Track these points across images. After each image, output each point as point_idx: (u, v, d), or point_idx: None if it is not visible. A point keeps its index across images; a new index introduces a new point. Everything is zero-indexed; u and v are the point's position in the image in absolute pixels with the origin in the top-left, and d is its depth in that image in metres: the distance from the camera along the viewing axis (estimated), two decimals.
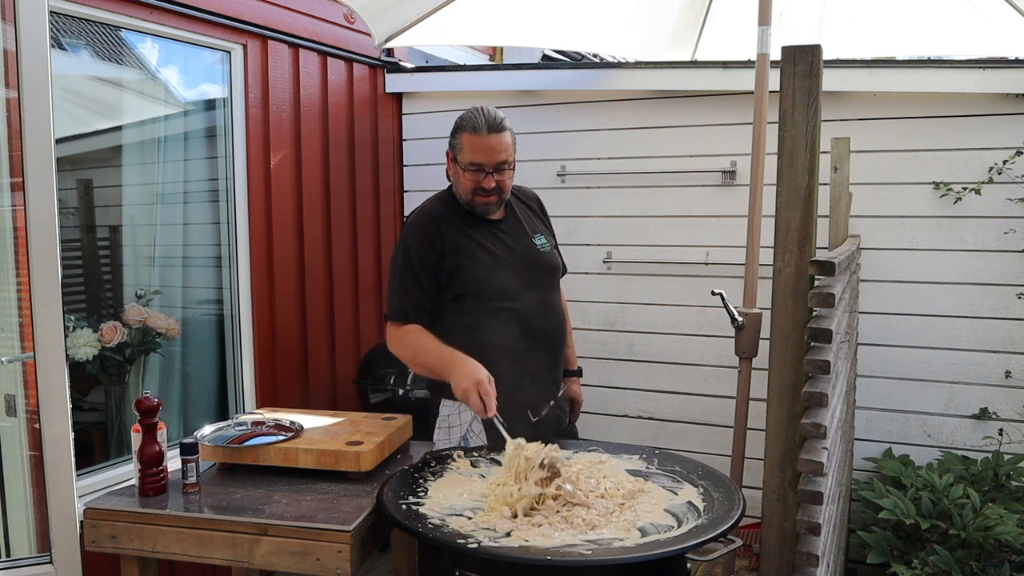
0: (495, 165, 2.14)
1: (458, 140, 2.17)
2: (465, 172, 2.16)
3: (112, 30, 2.82)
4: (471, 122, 2.14)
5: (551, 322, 2.29)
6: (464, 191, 2.20)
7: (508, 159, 2.17)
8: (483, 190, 2.17)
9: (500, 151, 2.14)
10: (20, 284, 2.03)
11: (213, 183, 3.28)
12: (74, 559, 2.02)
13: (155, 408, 1.94)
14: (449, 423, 2.26)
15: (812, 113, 1.44)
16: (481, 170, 2.14)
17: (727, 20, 3.63)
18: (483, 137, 2.12)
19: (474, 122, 2.13)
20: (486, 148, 2.13)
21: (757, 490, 1.77)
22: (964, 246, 3.26)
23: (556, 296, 2.37)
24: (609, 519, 1.64)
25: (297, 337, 3.53)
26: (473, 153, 2.13)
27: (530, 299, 2.23)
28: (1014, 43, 3.26)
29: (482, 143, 2.12)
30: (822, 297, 1.47)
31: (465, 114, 2.18)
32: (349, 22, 3.73)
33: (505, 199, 2.26)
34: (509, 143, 2.17)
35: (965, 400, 3.30)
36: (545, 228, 2.44)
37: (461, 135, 2.16)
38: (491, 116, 2.14)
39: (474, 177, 2.15)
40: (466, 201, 2.21)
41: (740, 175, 3.54)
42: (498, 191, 2.18)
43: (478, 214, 2.23)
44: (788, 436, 1.49)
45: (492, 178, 2.15)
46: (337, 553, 1.73)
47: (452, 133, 2.20)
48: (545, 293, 2.30)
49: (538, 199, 2.50)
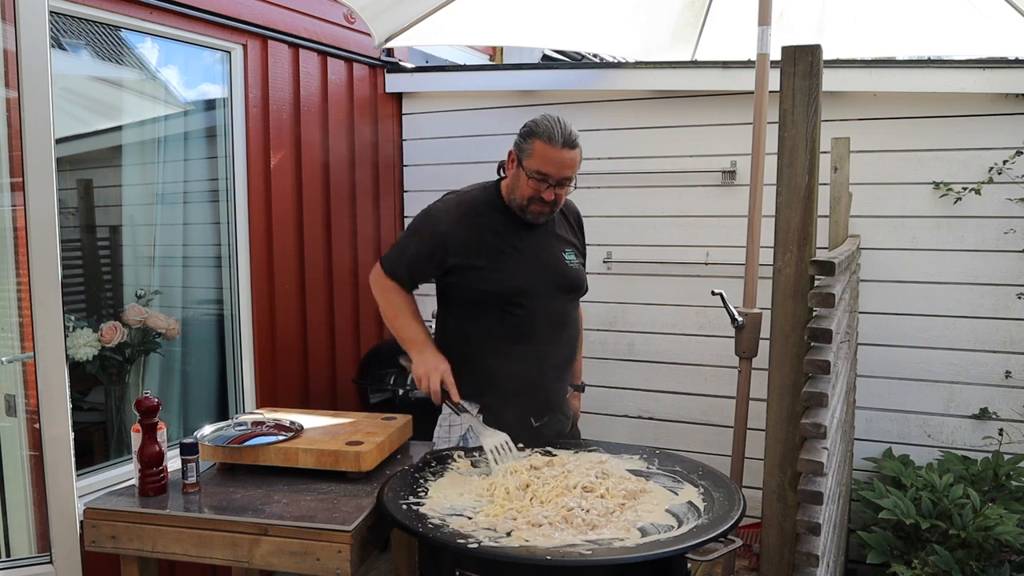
0: (560, 179, 2.12)
1: (529, 145, 2.11)
2: (529, 179, 2.12)
3: (112, 30, 2.82)
4: (548, 131, 2.08)
5: (562, 337, 2.28)
6: (521, 196, 2.16)
7: (573, 176, 2.15)
8: (541, 200, 2.14)
9: (569, 167, 2.11)
10: (20, 284, 2.03)
11: (213, 183, 3.28)
12: (74, 559, 2.02)
13: (155, 408, 1.94)
14: (450, 422, 2.26)
15: (812, 113, 1.44)
16: (545, 181, 2.11)
17: (727, 20, 3.63)
18: (558, 150, 2.07)
19: (551, 132, 2.07)
20: (558, 161, 2.09)
21: (757, 490, 1.77)
22: (964, 246, 3.26)
23: (574, 312, 2.35)
24: (610, 519, 1.64)
25: (297, 337, 3.53)
26: (543, 163, 2.09)
27: (547, 309, 2.21)
28: (1014, 43, 3.26)
29: (556, 155, 2.08)
30: (822, 297, 1.47)
31: (541, 121, 2.11)
32: (349, 22, 3.73)
33: (556, 211, 2.24)
34: (578, 160, 2.14)
35: (965, 400, 3.30)
36: (578, 245, 2.41)
37: (534, 141, 2.09)
38: (567, 130, 2.09)
39: (536, 186, 2.12)
40: (519, 205, 2.18)
41: (740, 175, 3.54)
42: (553, 204, 2.17)
43: (527, 219, 2.20)
44: (788, 436, 1.49)
45: (554, 191, 2.13)
46: (337, 553, 1.73)
47: (523, 136, 2.14)
48: (563, 306, 2.28)
49: (578, 215, 2.46)
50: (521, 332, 2.18)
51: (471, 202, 2.22)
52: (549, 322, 2.22)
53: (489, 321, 2.18)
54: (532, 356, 2.19)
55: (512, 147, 2.18)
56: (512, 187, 2.19)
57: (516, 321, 2.17)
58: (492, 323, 2.18)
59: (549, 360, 2.24)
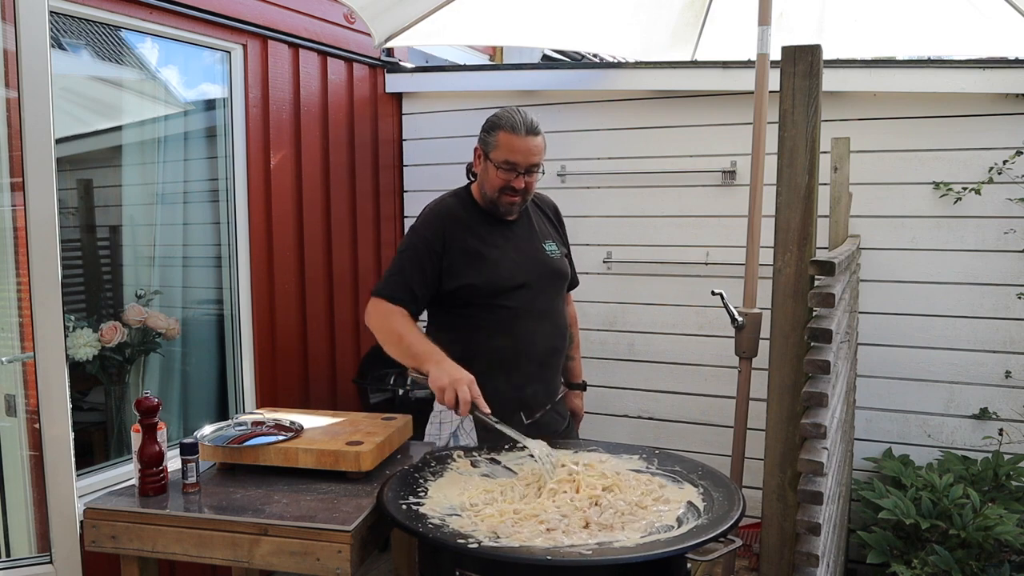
0: (528, 167, 2.16)
1: (493, 137, 2.17)
2: (497, 170, 2.17)
3: (112, 30, 2.82)
4: (510, 121, 2.15)
5: (548, 329, 2.29)
6: (491, 188, 2.20)
7: (540, 162, 2.19)
8: (511, 189, 2.18)
9: (535, 153, 2.16)
10: (20, 284, 2.03)
11: (213, 183, 3.28)
12: (74, 559, 2.02)
13: (155, 408, 1.94)
14: (441, 419, 2.27)
15: (812, 113, 1.44)
16: (514, 170, 2.16)
17: (727, 20, 3.63)
18: (521, 138, 2.14)
19: (513, 122, 2.14)
20: (523, 149, 2.14)
21: (757, 490, 1.77)
22: (964, 246, 3.26)
23: (560, 302, 2.37)
24: (624, 520, 1.64)
25: (297, 337, 3.53)
26: (509, 152, 2.14)
27: (530, 301, 2.23)
28: (1014, 43, 3.26)
29: (520, 143, 2.14)
30: (822, 297, 1.47)
31: (502, 113, 2.18)
32: (349, 22, 3.73)
33: (528, 200, 2.28)
34: (543, 147, 2.19)
35: (965, 400, 3.30)
36: (558, 236, 2.44)
37: (498, 133, 2.16)
38: (529, 119, 2.16)
39: (505, 176, 2.16)
40: (490, 199, 2.22)
41: (740, 175, 3.54)
42: (524, 192, 2.20)
43: (500, 213, 2.24)
44: (788, 436, 1.49)
45: (523, 179, 2.17)
46: (337, 553, 1.73)
47: (486, 130, 2.20)
48: (548, 297, 2.30)
49: (555, 207, 2.51)
50: (507, 326, 2.19)
51: (447, 208, 2.26)
52: (535, 313, 2.24)
53: (475, 317, 2.19)
54: (519, 350, 2.20)
55: (477, 144, 2.23)
56: (482, 182, 2.24)
57: (501, 315, 2.19)
58: (477, 319, 2.19)
59: (536, 353, 2.25)
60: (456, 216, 2.24)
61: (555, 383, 2.39)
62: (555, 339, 2.32)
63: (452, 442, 2.23)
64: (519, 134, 2.13)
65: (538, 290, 2.26)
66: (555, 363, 2.35)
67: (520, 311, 2.21)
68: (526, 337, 2.22)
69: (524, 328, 2.21)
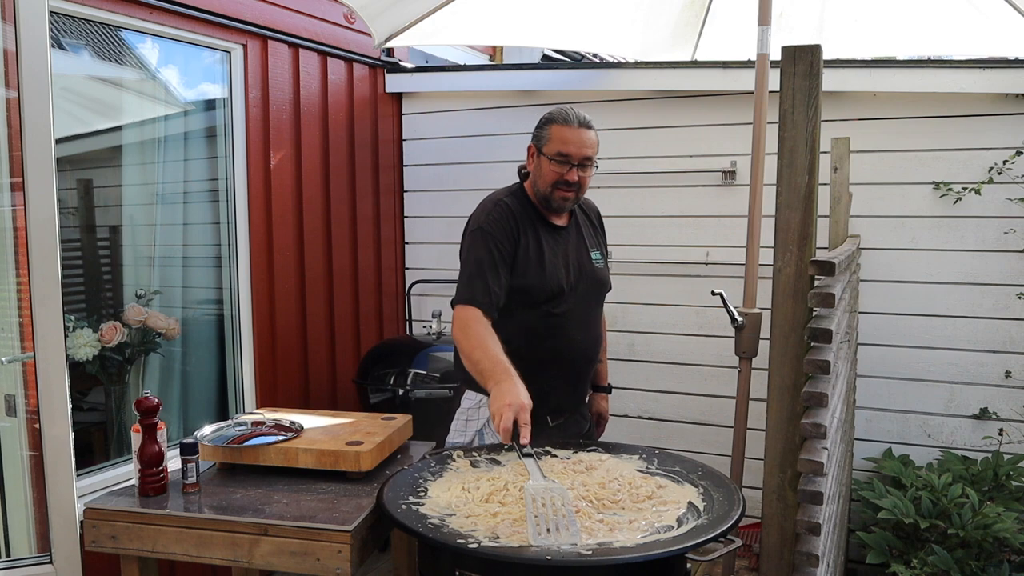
0: (581, 159, 2.17)
1: (546, 132, 2.19)
2: (551, 163, 2.17)
3: (112, 30, 2.82)
4: (562, 115, 2.18)
5: (589, 335, 2.31)
6: (545, 183, 2.20)
7: (593, 156, 2.20)
8: (565, 183, 2.18)
9: (588, 145, 2.18)
10: (20, 284, 2.03)
11: (213, 183, 3.28)
12: (74, 559, 2.02)
13: (155, 408, 1.94)
14: (468, 416, 2.26)
15: (812, 113, 1.44)
16: (567, 162, 2.16)
17: (727, 20, 3.63)
18: (574, 129, 2.16)
19: (565, 115, 2.17)
20: (575, 140, 2.15)
21: (757, 490, 1.77)
22: (964, 246, 3.26)
23: (598, 312, 2.39)
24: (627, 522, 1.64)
25: (297, 337, 3.53)
26: (562, 144, 2.15)
27: (573, 308, 2.24)
28: (1014, 43, 3.26)
29: (572, 135, 2.15)
30: (822, 297, 1.47)
31: (555, 109, 2.21)
32: (349, 22, 3.73)
33: (581, 198, 2.29)
34: (596, 141, 2.21)
35: (965, 400, 3.30)
36: (602, 244, 2.46)
37: (550, 127, 2.18)
38: (581, 113, 2.19)
39: (559, 169, 2.17)
40: (544, 194, 2.22)
41: (740, 175, 3.54)
42: (578, 187, 2.21)
43: (553, 208, 2.24)
44: (788, 436, 1.49)
45: (576, 172, 2.17)
46: (337, 553, 1.73)
47: (540, 126, 2.22)
48: (589, 306, 2.32)
49: (598, 213, 2.53)
50: (550, 330, 2.19)
51: (507, 205, 2.24)
52: (576, 321, 2.24)
53: (519, 319, 2.18)
54: (558, 355, 2.20)
55: (530, 142, 2.24)
56: (535, 178, 2.24)
57: (546, 319, 2.19)
58: (522, 321, 2.18)
59: (573, 359, 2.26)
60: (519, 217, 2.22)
61: (584, 389, 2.41)
62: (592, 348, 2.34)
63: (477, 440, 2.22)
64: (571, 126, 2.15)
65: (582, 298, 2.27)
66: (588, 371, 2.37)
67: (564, 317, 2.21)
68: (566, 343, 2.22)
69: (565, 334, 2.22)
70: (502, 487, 1.79)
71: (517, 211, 2.22)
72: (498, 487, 1.79)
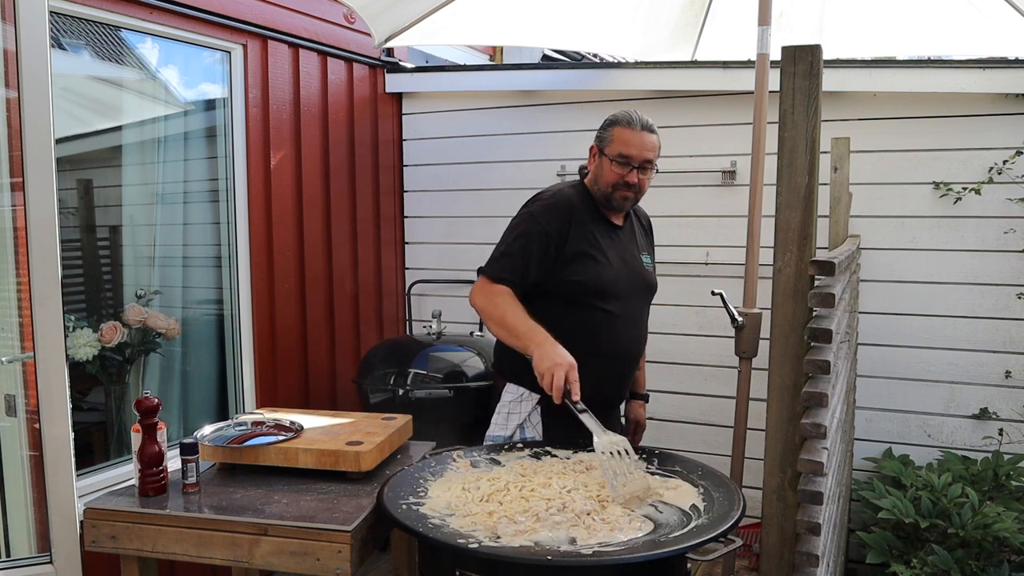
0: (642, 161, 2.21)
1: (609, 133, 2.23)
2: (612, 164, 2.21)
3: (112, 30, 2.82)
4: (625, 118, 2.23)
5: (635, 337, 2.34)
6: (606, 184, 2.24)
7: (654, 159, 2.24)
8: (626, 184, 2.22)
9: (649, 149, 2.21)
10: (20, 284, 2.03)
11: (213, 183, 3.28)
12: (74, 559, 2.02)
13: (155, 408, 1.94)
14: (509, 409, 2.25)
15: (812, 113, 1.44)
16: (628, 164, 2.20)
17: (727, 20, 3.63)
18: (636, 132, 2.20)
19: (628, 118, 2.22)
20: (637, 143, 2.20)
21: (757, 490, 1.77)
22: (964, 246, 3.26)
23: (646, 314, 2.42)
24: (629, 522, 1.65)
25: (297, 337, 3.53)
26: (624, 146, 2.20)
27: (624, 309, 2.26)
28: (1014, 43, 3.26)
29: (634, 138, 2.20)
30: (822, 297, 1.47)
31: (619, 111, 2.26)
32: (349, 22, 3.73)
33: (640, 198, 2.32)
34: (657, 145, 2.24)
35: (965, 400, 3.30)
36: (651, 249, 2.51)
37: (613, 128, 2.23)
38: (644, 117, 2.24)
39: (620, 171, 2.21)
40: (605, 194, 2.25)
41: (740, 175, 3.54)
42: (637, 189, 2.25)
43: (614, 207, 2.28)
44: (788, 436, 1.49)
45: (636, 174, 2.21)
46: (337, 553, 1.74)
47: (603, 128, 2.26)
48: (638, 308, 2.35)
49: (649, 220, 2.58)
50: (599, 326, 2.21)
51: (568, 200, 2.26)
52: (625, 320, 2.27)
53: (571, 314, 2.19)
54: (605, 353, 2.22)
55: (592, 143, 2.29)
56: (596, 178, 2.28)
57: (598, 316, 2.21)
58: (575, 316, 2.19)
59: (619, 360, 2.29)
60: (578, 210, 2.25)
61: (624, 390, 2.43)
62: (637, 348, 2.38)
63: (519, 434, 2.23)
64: (634, 128, 2.20)
65: (632, 298, 2.30)
66: (631, 371, 2.39)
67: (615, 316, 2.23)
68: (614, 343, 2.24)
69: (614, 334, 2.24)
70: (502, 487, 1.79)
71: (576, 204, 2.25)
72: (498, 487, 1.79)
